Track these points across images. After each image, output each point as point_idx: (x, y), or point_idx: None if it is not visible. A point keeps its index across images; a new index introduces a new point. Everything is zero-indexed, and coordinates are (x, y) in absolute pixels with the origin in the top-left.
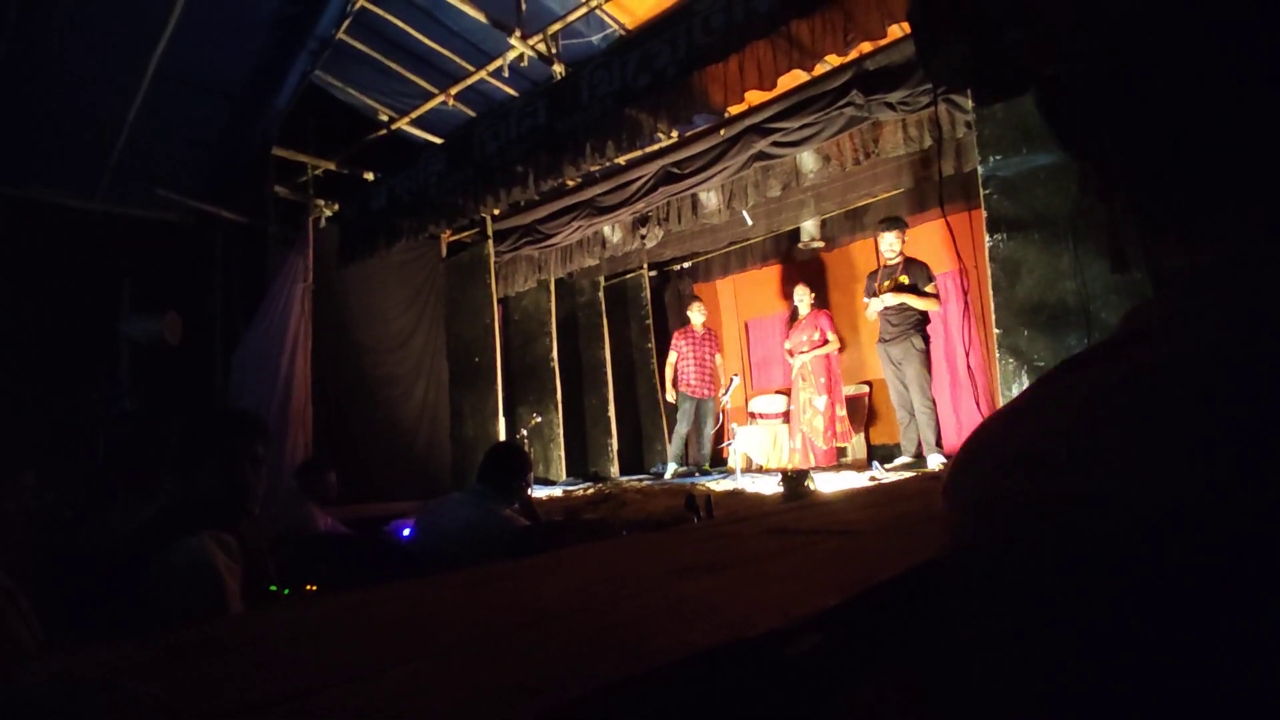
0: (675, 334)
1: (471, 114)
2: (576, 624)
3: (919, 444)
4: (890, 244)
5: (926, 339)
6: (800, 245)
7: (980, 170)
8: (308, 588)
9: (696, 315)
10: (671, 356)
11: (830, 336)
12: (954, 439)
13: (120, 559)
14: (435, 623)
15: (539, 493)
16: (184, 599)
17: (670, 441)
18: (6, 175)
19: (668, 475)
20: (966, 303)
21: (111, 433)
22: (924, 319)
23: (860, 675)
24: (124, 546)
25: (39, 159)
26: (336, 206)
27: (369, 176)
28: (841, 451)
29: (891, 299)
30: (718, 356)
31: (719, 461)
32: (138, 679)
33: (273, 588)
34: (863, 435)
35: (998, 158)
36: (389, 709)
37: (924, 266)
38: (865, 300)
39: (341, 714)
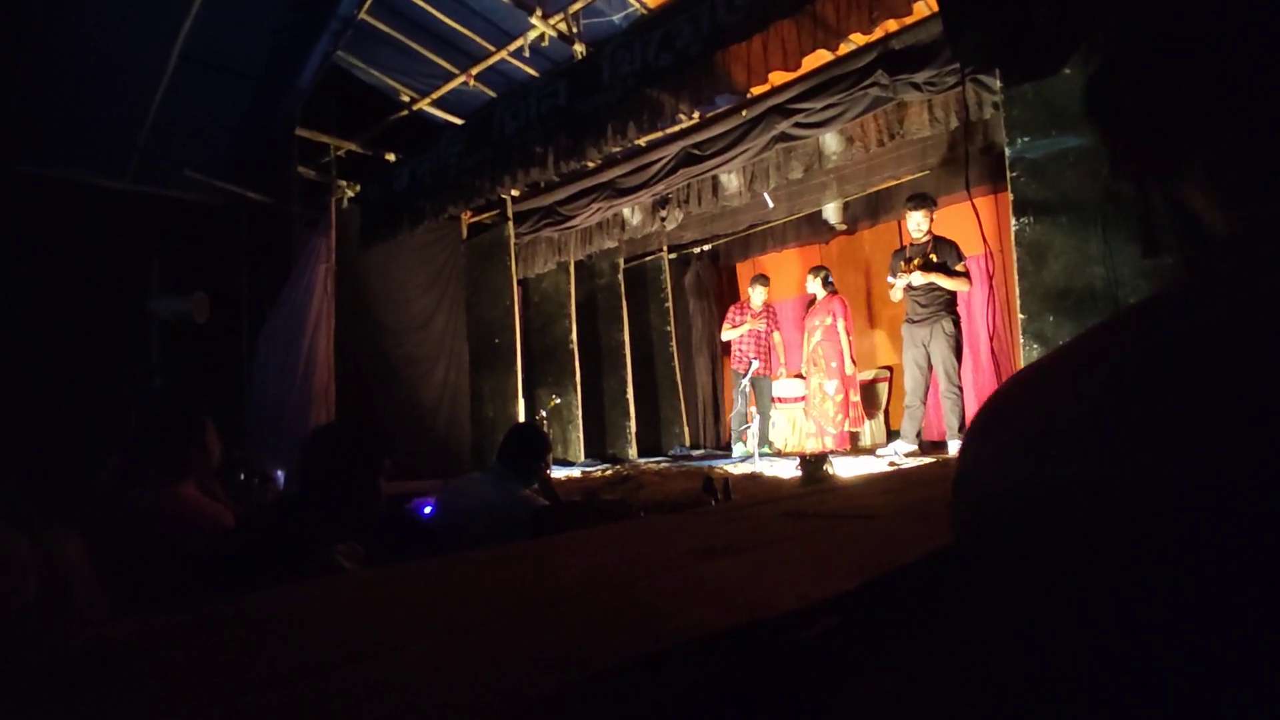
0: (732, 308)
1: (492, 94)
2: (595, 603)
3: (919, 433)
4: (918, 223)
5: (957, 321)
6: (822, 228)
7: (1008, 152)
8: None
9: (759, 293)
10: (733, 334)
11: (841, 324)
12: None
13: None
14: (456, 600)
15: (558, 474)
16: None
17: (731, 423)
18: (39, 156)
19: (737, 454)
20: (991, 286)
21: (142, 410)
22: (953, 300)
23: (877, 660)
24: (268, 551)
25: (70, 140)
26: (359, 187)
27: (391, 157)
28: (856, 436)
29: (919, 278)
30: (776, 334)
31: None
32: (169, 647)
33: None
34: (882, 420)
35: (1025, 139)
36: (410, 683)
37: (954, 245)
38: (890, 280)
39: (364, 687)
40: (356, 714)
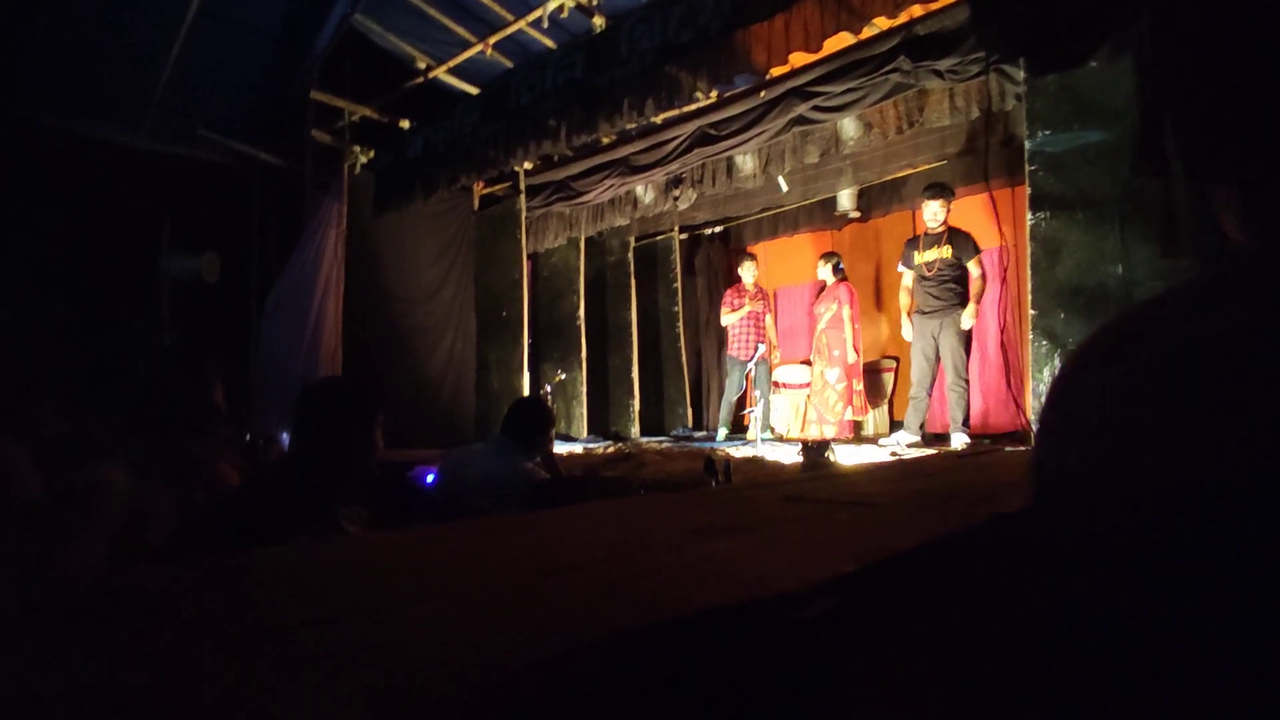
0: (729, 292)
1: (509, 64)
2: (594, 575)
3: (923, 425)
4: (935, 213)
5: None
6: (835, 214)
7: (1027, 145)
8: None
9: (749, 273)
10: (733, 317)
11: (847, 311)
12: (978, 420)
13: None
14: (457, 566)
15: (560, 449)
16: None
17: (720, 408)
18: (56, 108)
19: (719, 439)
20: (1004, 281)
21: (151, 364)
22: (965, 294)
23: (872, 647)
24: (272, 511)
25: (87, 94)
26: (372, 153)
27: (405, 124)
28: (859, 425)
29: (933, 254)
30: (769, 317)
31: (739, 429)
32: (179, 594)
33: None
34: (886, 410)
35: (1046, 133)
36: (409, 641)
37: (969, 237)
38: (900, 269)
39: (368, 642)
40: (360, 667)
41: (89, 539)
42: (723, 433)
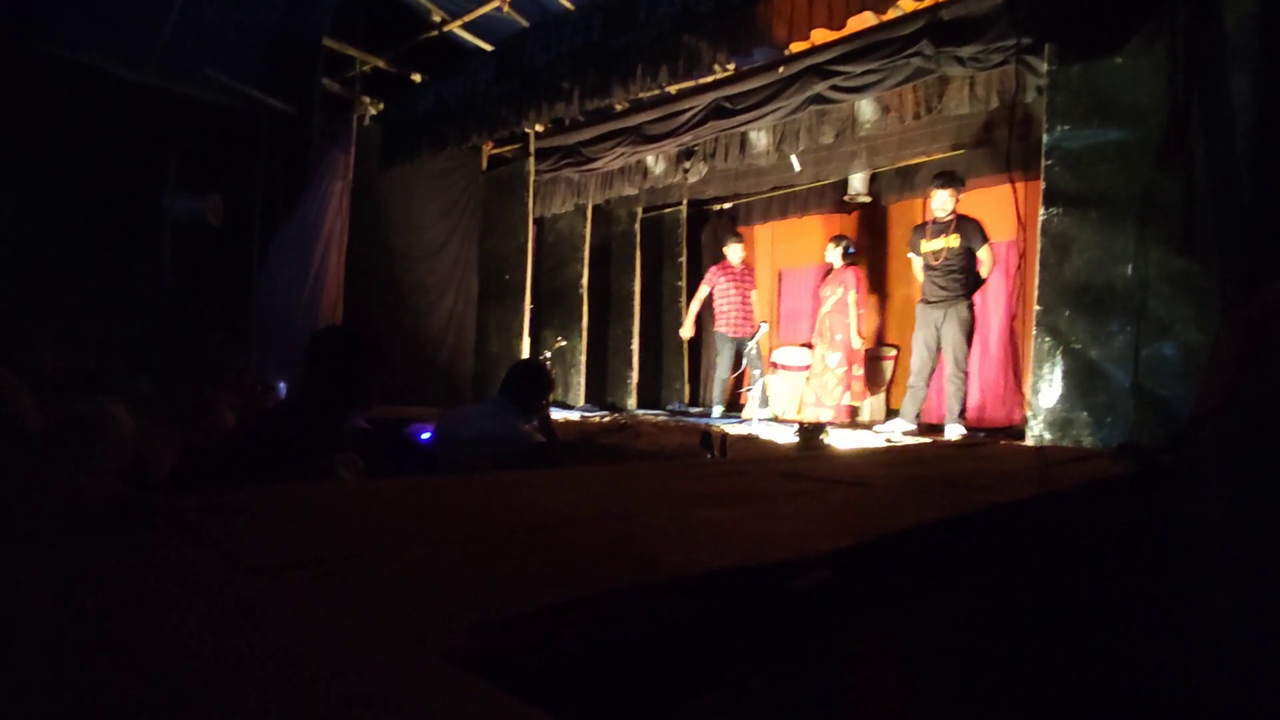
0: (711, 269)
1: (525, 23)
2: (592, 534)
3: (919, 414)
4: (943, 202)
5: (972, 307)
6: (846, 198)
7: (1045, 139)
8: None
9: (735, 251)
10: (703, 291)
11: (852, 296)
12: (974, 413)
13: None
14: (455, 516)
15: (556, 415)
16: None
17: (713, 384)
18: (60, 37)
19: (714, 416)
20: (1016, 273)
21: (151, 306)
22: (972, 285)
23: (863, 623)
24: (270, 454)
25: (90, 23)
26: (382, 105)
27: (416, 78)
28: (856, 410)
29: (940, 243)
30: (753, 293)
31: (736, 407)
32: (184, 513)
33: None
34: (883, 398)
35: (1065, 128)
36: (408, 582)
37: (977, 225)
38: (909, 256)
39: (365, 582)
40: (357, 604)
41: (99, 464)
42: (718, 410)
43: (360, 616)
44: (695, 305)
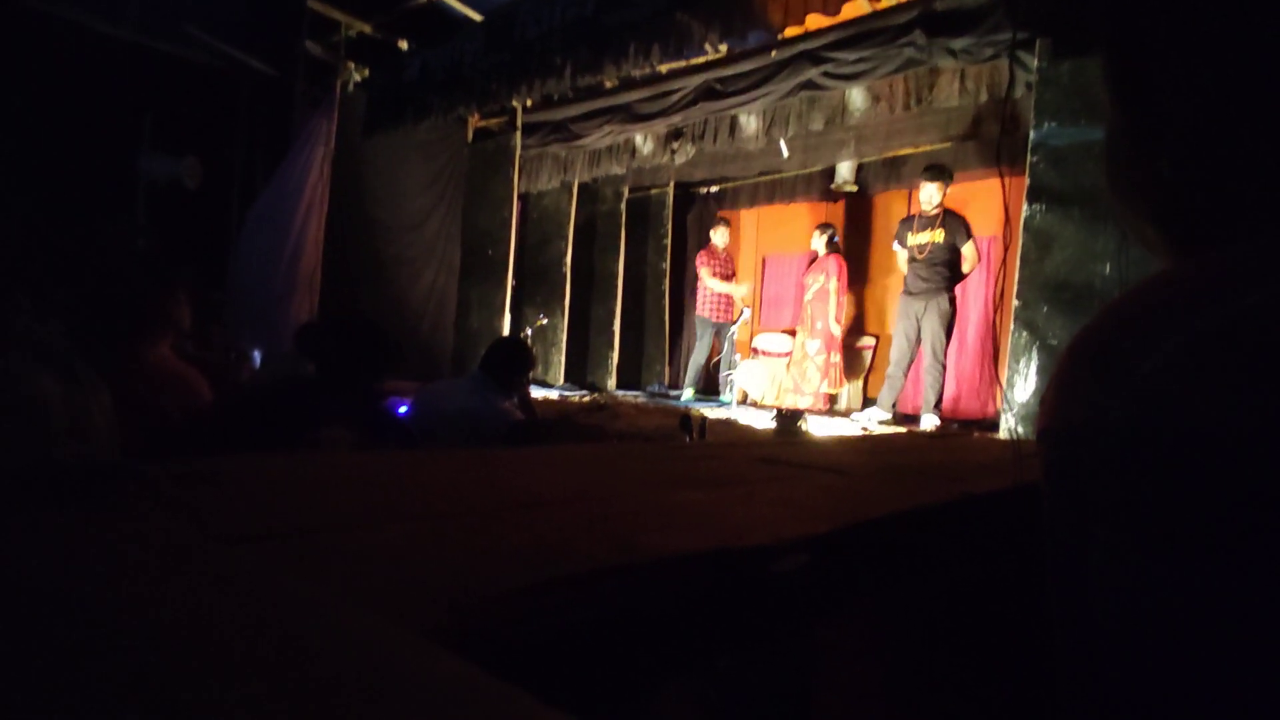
0: (701, 254)
1: None
2: (571, 513)
3: (895, 404)
4: (930, 194)
5: (953, 300)
6: (832, 186)
7: (1032, 135)
8: None
9: (720, 237)
10: (719, 286)
11: (833, 284)
12: (949, 404)
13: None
14: (433, 491)
15: (535, 394)
16: None
17: (687, 367)
18: None
19: (685, 398)
20: (1000, 269)
21: (124, 271)
22: (954, 278)
23: (836, 608)
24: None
25: None
26: (367, 72)
27: (403, 45)
28: (834, 398)
29: (926, 237)
30: (733, 281)
31: (709, 390)
32: (160, 481)
33: None
34: (861, 385)
35: (1053, 125)
36: (387, 557)
37: (962, 220)
38: (895, 248)
39: (343, 555)
40: (335, 578)
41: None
42: (688, 393)
43: (339, 590)
44: (714, 284)
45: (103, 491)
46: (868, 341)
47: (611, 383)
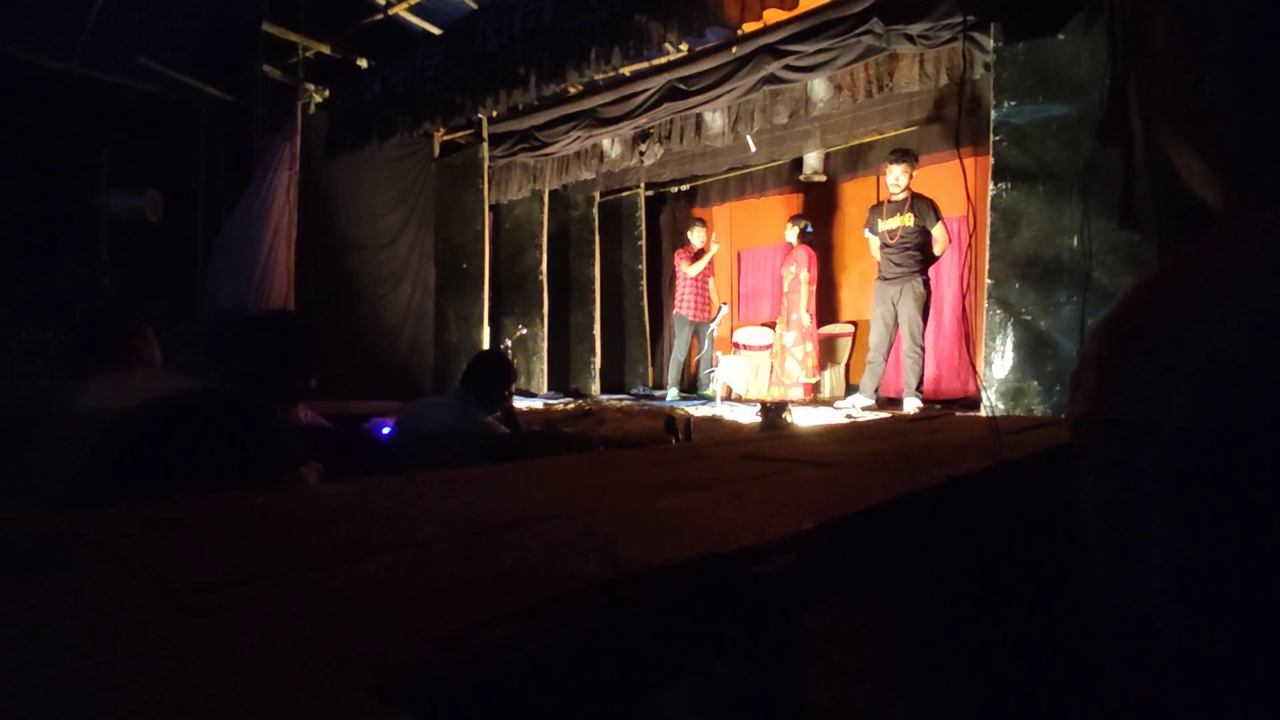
0: (678, 253)
1: (473, 5)
2: (554, 529)
3: (879, 389)
4: (896, 178)
5: (927, 283)
6: (801, 177)
7: (993, 115)
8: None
9: (698, 238)
10: (696, 267)
11: (804, 274)
12: (930, 386)
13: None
14: (415, 517)
15: (519, 404)
16: None
17: (669, 366)
18: None
19: (670, 398)
20: (969, 249)
21: (88, 307)
22: (927, 261)
23: (825, 599)
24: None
25: (8, 10)
26: (327, 93)
27: (363, 64)
28: (816, 387)
29: (895, 222)
30: (711, 280)
31: (692, 388)
32: (120, 541)
33: None
34: (842, 373)
35: (1012, 104)
36: (368, 593)
37: (931, 203)
38: (866, 235)
39: (321, 594)
40: (313, 619)
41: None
42: (673, 392)
43: (314, 637)
44: (698, 267)
45: (52, 559)
46: (845, 329)
47: (596, 387)
